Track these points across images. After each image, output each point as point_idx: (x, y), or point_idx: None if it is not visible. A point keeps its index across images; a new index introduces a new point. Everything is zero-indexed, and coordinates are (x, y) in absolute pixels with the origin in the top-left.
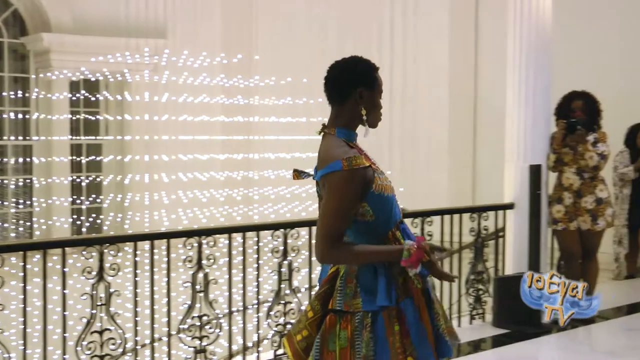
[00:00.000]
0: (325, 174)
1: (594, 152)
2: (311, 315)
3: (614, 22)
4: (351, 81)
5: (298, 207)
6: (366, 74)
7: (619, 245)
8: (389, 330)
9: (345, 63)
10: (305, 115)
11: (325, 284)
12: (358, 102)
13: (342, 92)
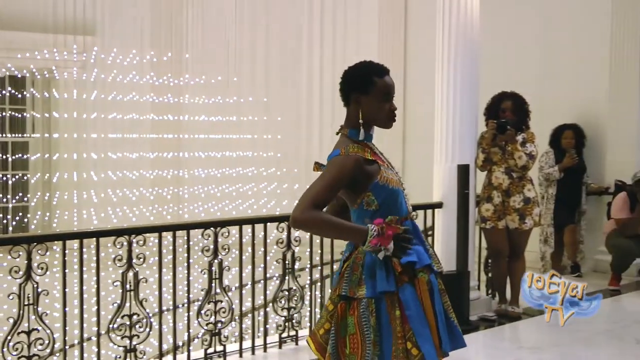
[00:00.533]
0: (328, 161)
1: (523, 152)
2: (331, 309)
3: (537, 24)
4: (349, 87)
5: (229, 206)
6: (361, 79)
7: (545, 244)
8: (392, 316)
9: (348, 69)
10: (235, 114)
11: (341, 277)
12: (357, 107)
13: (344, 97)
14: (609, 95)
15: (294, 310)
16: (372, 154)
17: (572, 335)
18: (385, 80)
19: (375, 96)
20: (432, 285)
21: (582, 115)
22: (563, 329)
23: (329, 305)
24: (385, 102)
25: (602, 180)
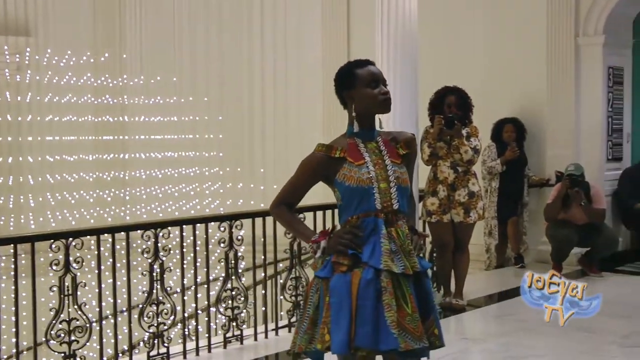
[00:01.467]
0: None
1: (468, 147)
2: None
3: (479, 20)
4: (339, 88)
5: (172, 207)
6: (345, 76)
7: (489, 236)
8: (324, 300)
9: (336, 73)
10: (176, 114)
11: None
12: (351, 103)
13: (340, 99)
14: (548, 89)
15: (238, 310)
16: (344, 151)
17: (516, 326)
18: (367, 69)
19: (361, 86)
20: (367, 281)
21: (523, 109)
22: (507, 319)
23: None
24: (373, 88)
25: (543, 173)
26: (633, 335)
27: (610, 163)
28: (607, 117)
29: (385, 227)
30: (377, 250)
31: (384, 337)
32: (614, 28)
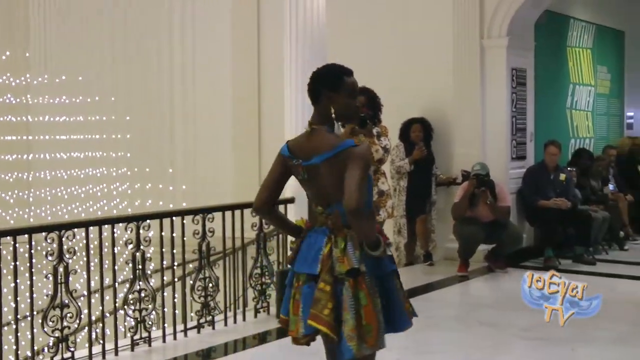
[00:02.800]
0: (342, 150)
1: (379, 146)
2: (329, 289)
3: (384, 19)
4: (320, 85)
5: (78, 208)
6: (332, 78)
7: (398, 234)
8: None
9: (318, 70)
10: (82, 114)
11: (327, 259)
12: (328, 104)
13: (315, 95)
14: (454, 90)
15: (146, 311)
16: None
17: (423, 322)
18: (352, 79)
19: (344, 94)
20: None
21: (430, 109)
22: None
23: (324, 287)
24: (353, 99)
25: (450, 171)
26: (533, 328)
27: (514, 162)
28: (511, 117)
29: None
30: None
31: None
32: (517, 31)
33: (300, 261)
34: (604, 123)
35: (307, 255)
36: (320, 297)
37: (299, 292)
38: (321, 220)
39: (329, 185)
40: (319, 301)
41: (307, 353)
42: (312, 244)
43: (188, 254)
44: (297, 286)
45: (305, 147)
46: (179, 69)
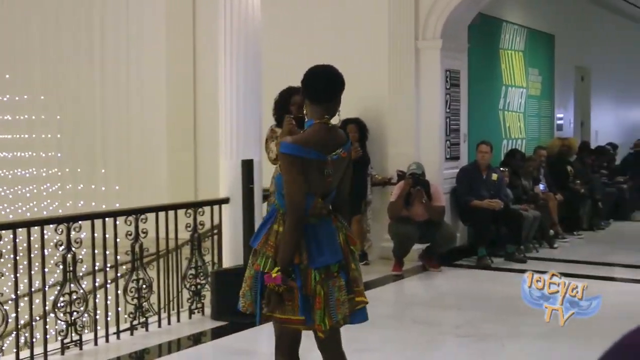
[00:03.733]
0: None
1: None
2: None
3: (320, 19)
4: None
5: (6, 210)
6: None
7: None
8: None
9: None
10: (9, 113)
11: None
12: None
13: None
14: (389, 91)
15: (77, 314)
16: None
17: None
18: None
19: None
20: None
21: (365, 109)
22: None
23: (355, 267)
24: None
25: (385, 172)
26: (465, 325)
27: (448, 162)
28: (445, 118)
29: None
30: None
31: None
32: (450, 33)
33: (329, 252)
34: (535, 124)
35: (332, 244)
36: (357, 276)
37: (326, 284)
38: (317, 210)
39: (338, 175)
40: (357, 280)
41: (241, 353)
42: (324, 235)
43: (121, 256)
44: (322, 279)
45: (330, 143)
46: (112, 68)
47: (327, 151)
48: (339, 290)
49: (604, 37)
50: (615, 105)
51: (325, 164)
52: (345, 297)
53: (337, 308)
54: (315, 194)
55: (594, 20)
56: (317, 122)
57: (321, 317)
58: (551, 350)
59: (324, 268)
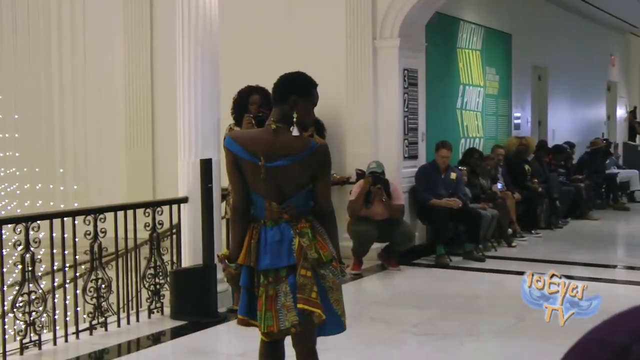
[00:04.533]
0: (317, 150)
1: None
2: (310, 274)
3: (277, 18)
4: (289, 88)
5: None
6: (303, 85)
7: None
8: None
9: (290, 75)
10: None
11: (299, 249)
12: (292, 107)
13: (281, 96)
14: (347, 90)
15: (36, 314)
16: None
17: None
18: (317, 93)
19: (309, 103)
20: None
21: (323, 109)
22: None
23: (306, 273)
24: (313, 109)
25: (344, 171)
26: (424, 323)
27: (406, 161)
28: (404, 117)
29: None
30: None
31: None
32: (408, 32)
33: (271, 257)
34: (493, 123)
35: (277, 249)
36: (305, 282)
37: (272, 287)
38: (275, 214)
39: (290, 181)
40: (304, 286)
41: (200, 352)
42: (276, 239)
43: (80, 255)
44: (269, 282)
45: (270, 146)
46: (69, 67)
47: (261, 153)
48: (284, 295)
49: (560, 37)
50: (571, 105)
51: (257, 168)
52: (291, 302)
53: (284, 314)
54: (264, 197)
55: (550, 19)
56: (267, 124)
57: (260, 318)
58: (509, 348)
59: (272, 271)
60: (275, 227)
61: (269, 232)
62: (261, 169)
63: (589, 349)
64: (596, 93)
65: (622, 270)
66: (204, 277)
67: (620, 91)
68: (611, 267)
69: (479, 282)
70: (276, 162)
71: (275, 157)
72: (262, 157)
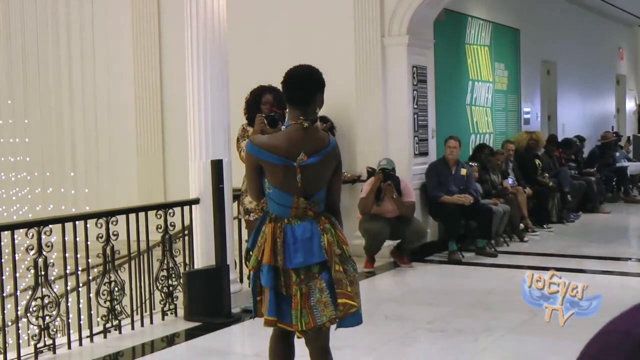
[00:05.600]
0: (334, 147)
1: None
2: (342, 269)
3: (287, 18)
4: (316, 87)
5: None
6: (322, 80)
7: None
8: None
9: (310, 72)
10: None
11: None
12: (315, 103)
13: (309, 96)
14: (356, 88)
15: (50, 318)
16: None
17: None
18: None
19: (323, 94)
20: None
21: (333, 107)
22: None
23: (339, 268)
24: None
25: (354, 169)
26: (438, 320)
27: (417, 158)
28: (413, 114)
29: None
30: None
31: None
32: (416, 29)
33: (304, 254)
34: (503, 118)
35: (309, 246)
36: (341, 277)
37: (305, 285)
38: (300, 211)
39: (319, 177)
40: (340, 281)
41: (215, 353)
42: (306, 236)
43: (92, 259)
44: (301, 280)
45: (303, 146)
46: (79, 70)
47: (296, 155)
48: (320, 291)
49: (568, 31)
50: (581, 99)
51: (292, 168)
52: (327, 298)
53: (320, 310)
54: (293, 194)
55: (558, 13)
56: (292, 124)
57: (297, 317)
58: (523, 344)
59: (304, 269)
60: (300, 224)
61: (297, 230)
62: (297, 170)
63: (612, 340)
64: (605, 86)
65: (634, 263)
66: (217, 278)
67: (629, 84)
68: (623, 260)
69: (491, 277)
70: (310, 160)
71: (310, 155)
72: (302, 156)
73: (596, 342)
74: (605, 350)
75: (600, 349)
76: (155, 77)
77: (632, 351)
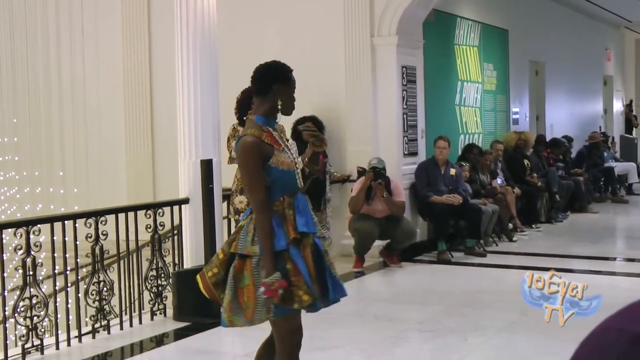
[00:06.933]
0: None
1: None
2: (222, 257)
3: (276, 17)
4: (272, 79)
5: None
6: (283, 73)
7: None
8: (288, 268)
9: (267, 65)
10: None
11: (235, 233)
12: (276, 96)
13: (264, 87)
14: (346, 88)
15: (37, 318)
16: (270, 138)
17: (319, 318)
18: (294, 77)
19: (290, 89)
20: (317, 247)
21: (322, 107)
22: (312, 314)
23: (219, 254)
24: (294, 93)
25: (344, 169)
26: (428, 320)
27: (406, 158)
28: (403, 114)
29: None
30: (310, 220)
31: (340, 288)
32: (406, 29)
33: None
34: (492, 119)
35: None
36: (214, 260)
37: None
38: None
39: None
40: (210, 262)
41: (204, 353)
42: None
43: (81, 258)
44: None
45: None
46: (68, 70)
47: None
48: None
49: (557, 32)
50: (569, 99)
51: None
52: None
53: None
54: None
55: (547, 14)
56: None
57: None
58: (513, 343)
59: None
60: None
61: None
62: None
63: (606, 338)
64: (593, 87)
65: (622, 262)
66: None
67: (617, 85)
68: (611, 259)
69: (481, 277)
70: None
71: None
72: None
73: (591, 340)
74: (600, 348)
75: (595, 347)
76: (144, 77)
77: (626, 348)
